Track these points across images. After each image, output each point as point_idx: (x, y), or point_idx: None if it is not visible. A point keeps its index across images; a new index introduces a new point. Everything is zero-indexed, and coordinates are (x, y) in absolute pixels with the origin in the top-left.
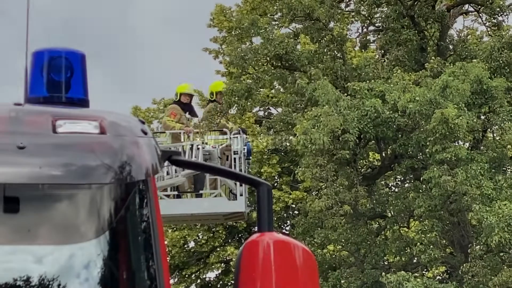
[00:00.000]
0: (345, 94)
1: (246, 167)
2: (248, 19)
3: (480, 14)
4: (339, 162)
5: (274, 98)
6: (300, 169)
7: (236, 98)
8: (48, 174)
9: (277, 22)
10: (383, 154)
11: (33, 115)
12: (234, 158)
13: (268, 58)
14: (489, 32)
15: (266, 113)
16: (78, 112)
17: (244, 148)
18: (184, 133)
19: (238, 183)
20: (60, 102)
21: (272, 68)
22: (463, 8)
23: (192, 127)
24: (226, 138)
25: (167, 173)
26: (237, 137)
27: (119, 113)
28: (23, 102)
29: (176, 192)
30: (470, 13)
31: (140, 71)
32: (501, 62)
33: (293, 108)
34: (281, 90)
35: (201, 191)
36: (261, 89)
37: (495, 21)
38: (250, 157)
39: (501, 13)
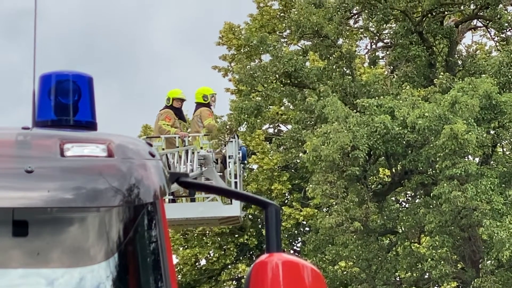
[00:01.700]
0: (355, 110)
1: (242, 171)
2: (257, 37)
3: (489, 29)
4: (349, 179)
5: (283, 116)
6: (310, 186)
7: (246, 116)
8: (57, 197)
9: (285, 40)
10: (393, 170)
11: (40, 139)
12: (229, 163)
13: (277, 76)
14: (498, 47)
15: (276, 131)
16: (85, 135)
17: (239, 152)
18: (179, 137)
19: (233, 187)
20: (68, 125)
21: (281, 85)
22: (472, 23)
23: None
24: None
25: None
26: (232, 141)
27: (126, 136)
28: (31, 125)
29: (171, 197)
30: (479, 28)
31: (154, 86)
32: (510, 77)
33: (302, 125)
34: (291, 107)
35: (196, 196)
36: (271, 107)
37: (503, 36)
38: (245, 161)
39: (510, 28)
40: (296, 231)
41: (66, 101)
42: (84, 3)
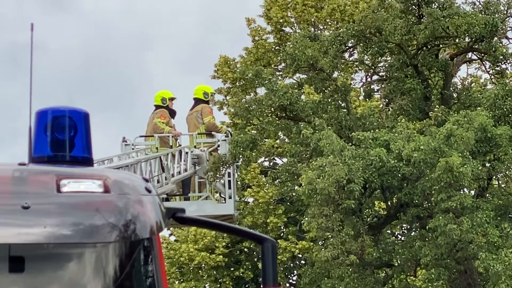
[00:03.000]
0: (350, 143)
1: (235, 170)
2: (252, 70)
3: (484, 62)
4: (344, 212)
5: (279, 149)
6: (306, 219)
7: (241, 149)
8: (53, 233)
9: (281, 73)
10: (389, 203)
11: (37, 175)
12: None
13: (272, 109)
14: (493, 80)
15: (271, 164)
16: (82, 171)
17: None
18: (172, 136)
19: (227, 186)
20: (64, 161)
21: (277, 118)
22: (467, 56)
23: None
24: (215, 141)
25: (158, 182)
26: (225, 140)
27: (123, 172)
28: (28, 161)
29: (164, 196)
30: (474, 61)
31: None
32: (505, 110)
33: (298, 158)
34: (286, 140)
35: (189, 195)
36: (266, 140)
37: (498, 68)
38: (239, 161)
39: (504, 61)
40: (292, 264)
41: (62, 137)
42: (83, 36)
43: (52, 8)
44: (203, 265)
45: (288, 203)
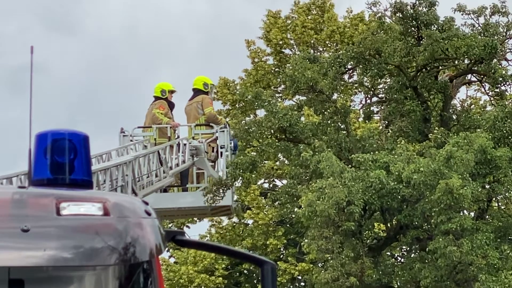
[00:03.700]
0: (350, 165)
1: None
2: (251, 92)
3: (483, 84)
4: (344, 234)
5: (278, 170)
6: (306, 241)
7: (241, 171)
8: (53, 256)
9: (280, 95)
10: (389, 225)
11: (36, 198)
12: (221, 152)
13: (272, 131)
14: (492, 102)
15: (271, 186)
16: (81, 194)
17: (230, 142)
18: (170, 127)
19: (225, 177)
20: (64, 184)
21: (276, 140)
22: (466, 78)
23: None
24: (213, 133)
25: (156, 176)
26: (223, 131)
27: (122, 194)
28: (27, 184)
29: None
30: (473, 83)
31: None
32: (504, 131)
33: (297, 180)
34: (286, 162)
35: (187, 186)
36: (266, 162)
37: (497, 90)
38: (237, 151)
39: (504, 83)
40: (291, 287)
41: (62, 160)
42: (86, 58)
43: (55, 30)
44: (202, 287)
45: (287, 225)
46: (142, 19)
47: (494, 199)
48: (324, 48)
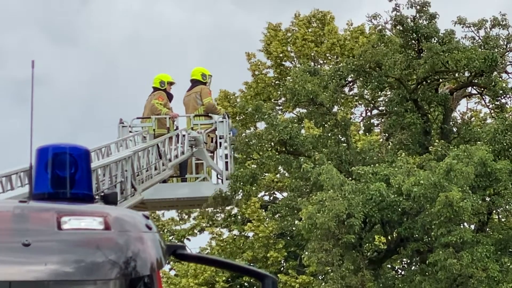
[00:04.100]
0: (350, 178)
1: (232, 152)
2: (252, 105)
3: (483, 97)
4: (344, 247)
5: (279, 183)
6: (306, 253)
7: (241, 184)
8: (54, 271)
9: (281, 107)
10: (389, 238)
11: (37, 212)
12: (220, 143)
13: (272, 143)
14: (493, 114)
15: (271, 198)
16: (82, 208)
17: (229, 133)
18: (170, 118)
19: (224, 168)
20: (65, 198)
21: (277, 153)
22: (466, 90)
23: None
24: (212, 123)
25: (155, 169)
26: (222, 121)
27: (123, 209)
28: (28, 198)
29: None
30: (474, 96)
31: None
32: (505, 144)
33: (298, 192)
34: (286, 175)
35: (186, 176)
36: (266, 174)
37: (498, 103)
38: (235, 144)
39: (504, 95)
40: None
41: (62, 174)
42: (88, 70)
43: (57, 41)
44: None
45: (288, 238)
46: (144, 31)
47: (494, 211)
48: (325, 61)
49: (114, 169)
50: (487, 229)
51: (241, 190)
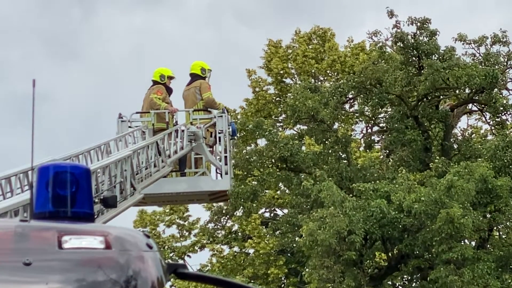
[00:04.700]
0: (351, 195)
1: (231, 147)
2: (252, 121)
3: (484, 113)
4: (345, 263)
5: (279, 200)
6: (307, 270)
7: (242, 201)
8: None
9: (281, 124)
10: (390, 254)
11: (38, 231)
12: (219, 137)
13: (273, 160)
14: (493, 131)
15: (272, 215)
16: (83, 227)
17: (229, 128)
18: (169, 113)
19: (223, 162)
20: (65, 217)
21: (277, 170)
22: (467, 107)
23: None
24: (211, 118)
25: (154, 166)
26: (222, 116)
27: (124, 228)
28: (29, 217)
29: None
30: (474, 112)
31: None
32: (505, 161)
33: (298, 209)
34: (287, 191)
35: (185, 171)
36: (267, 191)
37: (498, 120)
38: (235, 137)
39: (505, 112)
40: None
41: (63, 193)
42: (90, 85)
43: (59, 56)
44: None
45: (289, 254)
46: (146, 46)
47: (495, 228)
48: (325, 78)
49: (114, 169)
50: (488, 245)
51: (241, 207)
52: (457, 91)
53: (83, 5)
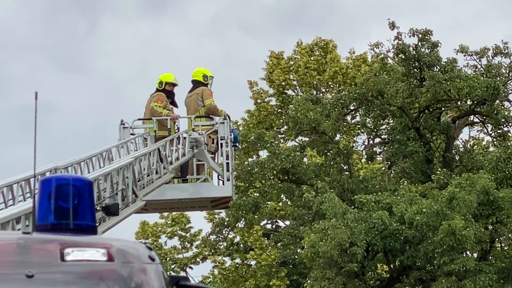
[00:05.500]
0: (352, 206)
1: (233, 153)
2: (254, 133)
3: (486, 125)
4: (347, 275)
5: (281, 211)
6: (309, 282)
7: (244, 212)
8: None
9: (283, 136)
10: (391, 266)
11: (41, 244)
12: (221, 144)
13: (275, 172)
14: (495, 143)
15: (273, 226)
16: (85, 239)
17: (230, 134)
18: (170, 119)
19: (225, 168)
20: (68, 229)
21: (279, 181)
22: (469, 119)
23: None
24: (213, 124)
25: (156, 172)
26: (223, 122)
27: (126, 240)
28: (32, 229)
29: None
30: (476, 124)
31: None
32: (507, 172)
33: (300, 221)
34: (288, 203)
35: (187, 177)
36: (268, 203)
37: (500, 131)
38: (237, 144)
39: (506, 124)
40: None
41: (66, 205)
42: (95, 98)
43: (64, 69)
44: None
45: (290, 266)
46: (151, 59)
47: (497, 240)
48: (327, 89)
49: (115, 176)
50: (490, 257)
51: (243, 219)
52: (458, 103)
53: (87, 18)
